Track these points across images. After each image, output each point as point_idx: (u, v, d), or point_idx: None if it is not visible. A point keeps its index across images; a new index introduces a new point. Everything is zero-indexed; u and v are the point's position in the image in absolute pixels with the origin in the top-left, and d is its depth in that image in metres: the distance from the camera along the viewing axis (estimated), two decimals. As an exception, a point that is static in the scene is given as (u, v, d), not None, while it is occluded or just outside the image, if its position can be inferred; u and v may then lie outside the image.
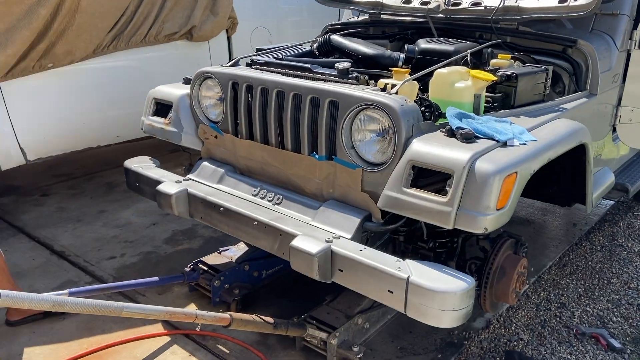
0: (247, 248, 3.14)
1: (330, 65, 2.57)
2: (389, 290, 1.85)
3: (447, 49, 2.69)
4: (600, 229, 3.96)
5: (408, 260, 1.91)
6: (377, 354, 2.59)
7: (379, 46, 3.00)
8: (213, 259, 3.06)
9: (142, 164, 2.85)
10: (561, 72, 2.72)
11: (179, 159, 3.62)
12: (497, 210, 1.80)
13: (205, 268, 2.97)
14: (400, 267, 1.85)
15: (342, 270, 1.99)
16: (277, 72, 2.51)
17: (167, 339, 2.67)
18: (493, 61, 2.59)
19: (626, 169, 3.57)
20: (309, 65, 2.44)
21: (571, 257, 3.56)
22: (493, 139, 1.95)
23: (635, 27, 2.84)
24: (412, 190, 1.91)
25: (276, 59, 2.68)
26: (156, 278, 2.78)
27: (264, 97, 2.42)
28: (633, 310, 2.97)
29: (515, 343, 2.72)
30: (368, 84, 2.30)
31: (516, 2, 2.82)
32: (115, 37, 3.62)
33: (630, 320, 2.89)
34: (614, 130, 3.06)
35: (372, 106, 2.06)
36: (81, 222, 4.01)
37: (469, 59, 2.59)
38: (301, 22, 5.22)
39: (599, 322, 2.88)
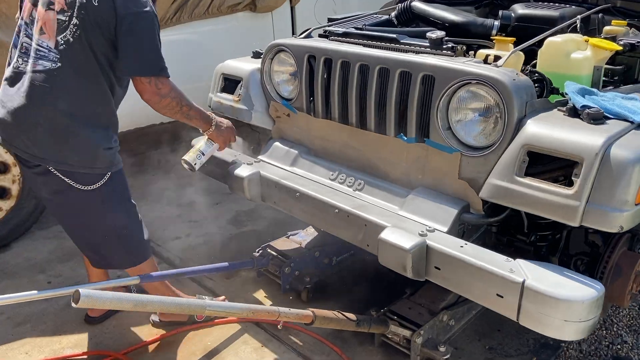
0: (316, 233, 2.97)
1: (419, 35, 2.30)
2: (497, 295, 1.61)
3: (551, 14, 2.36)
4: None
5: (519, 260, 1.65)
6: (465, 354, 2.37)
7: (468, 13, 2.69)
8: (282, 243, 2.90)
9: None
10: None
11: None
12: (636, 205, 1.51)
13: (275, 253, 2.81)
14: (513, 269, 1.60)
15: (438, 268, 1.76)
16: (359, 44, 2.26)
17: (237, 326, 2.55)
18: (606, 28, 2.24)
19: None
20: (395, 36, 2.17)
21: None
22: (627, 120, 1.64)
23: None
24: (528, 180, 1.64)
25: (355, 28, 2.43)
26: (226, 263, 2.64)
27: (344, 71, 2.19)
28: None
29: (619, 346, 2.42)
30: (467, 56, 2.02)
31: (632, -43, 2.43)
32: (178, 8, 3.46)
33: None
34: None
35: (476, 81, 1.79)
36: (144, 200, 3.95)
37: (578, 25, 2.25)
38: (366, -10, 4.89)
39: None
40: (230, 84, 2.71)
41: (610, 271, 1.99)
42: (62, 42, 1.92)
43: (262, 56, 2.56)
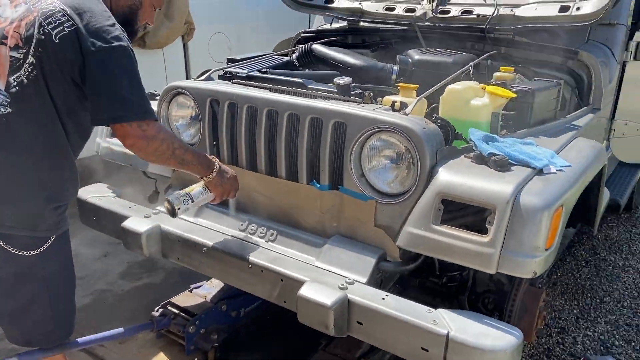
0: (222, 284, 2.78)
1: (324, 80, 2.28)
2: (422, 348, 1.57)
3: (445, 60, 2.47)
4: (580, 242, 3.89)
5: (441, 310, 1.63)
6: (383, 403, 2.31)
7: (368, 57, 2.74)
8: (184, 299, 2.67)
9: (99, 194, 2.42)
10: (563, 86, 2.56)
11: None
12: (546, 250, 1.57)
13: (177, 311, 2.57)
14: (436, 320, 1.57)
15: (361, 323, 1.69)
16: (264, 88, 2.18)
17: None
18: (497, 74, 2.38)
19: (607, 182, 3.51)
20: (301, 80, 2.13)
21: (559, 274, 3.44)
22: (528, 166, 1.72)
23: (630, 38, 2.74)
24: (444, 228, 1.65)
25: (259, 71, 2.35)
26: (121, 329, 2.35)
27: (251, 117, 2.09)
28: (633, 332, 2.87)
29: (524, 377, 2.52)
30: (374, 102, 2.03)
31: (512, 10, 2.64)
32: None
33: (633, 344, 2.78)
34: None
35: (387, 129, 1.78)
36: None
37: (471, 72, 2.37)
38: (261, 27, 4.87)
39: (602, 348, 2.75)
40: (121, 128, 2.47)
41: (517, 309, 2.07)
42: (15, 83, 1.60)
43: (158, 99, 2.38)
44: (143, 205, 2.36)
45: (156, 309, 2.56)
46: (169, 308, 2.58)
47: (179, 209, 1.91)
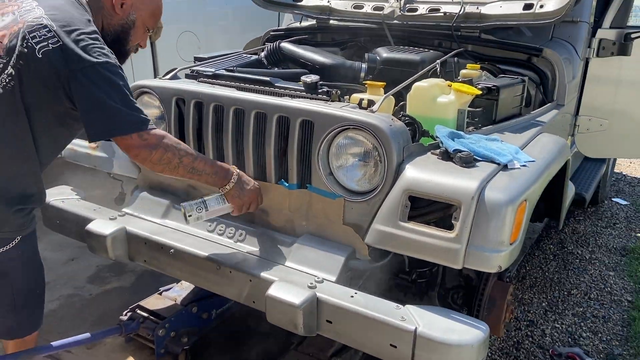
0: (192, 286, 2.74)
1: (291, 78, 2.27)
2: (391, 345, 1.57)
3: (412, 58, 2.48)
4: (548, 237, 3.97)
5: (409, 306, 1.64)
6: (356, 401, 2.31)
7: (336, 55, 2.73)
8: (154, 302, 2.62)
9: (63, 197, 2.35)
10: (528, 83, 2.60)
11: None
12: (510, 244, 1.59)
13: (146, 315, 2.52)
14: (404, 316, 1.58)
15: (330, 322, 1.68)
16: (231, 86, 2.15)
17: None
18: (463, 72, 2.41)
19: (573, 177, 3.59)
20: (269, 79, 2.11)
21: (527, 268, 3.51)
22: (493, 162, 1.74)
23: (593, 35, 2.80)
24: (411, 225, 1.65)
25: (226, 70, 2.32)
26: (87, 335, 2.29)
27: (217, 115, 2.06)
28: (599, 324, 2.94)
29: (495, 371, 2.56)
30: (341, 100, 2.02)
31: (478, 8, 2.67)
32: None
33: (600, 335, 2.85)
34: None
35: (354, 127, 1.78)
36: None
37: (438, 69, 2.39)
38: (230, 26, 4.82)
39: (570, 340, 2.80)
40: (85, 128, 2.41)
41: (485, 303, 2.09)
42: None
43: (122, 98, 2.32)
44: (109, 208, 2.31)
45: (124, 312, 2.52)
46: (138, 311, 2.53)
47: (190, 215, 1.84)
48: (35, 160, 1.73)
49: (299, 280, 1.75)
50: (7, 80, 1.59)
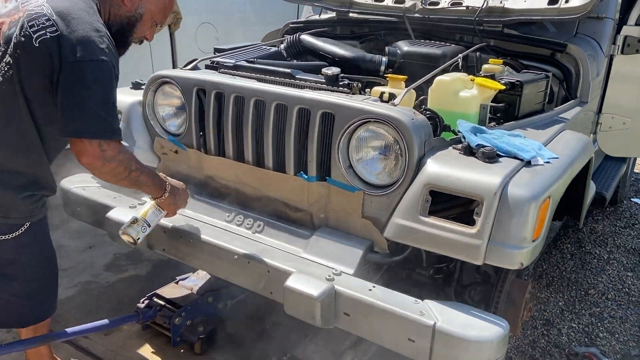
0: (208, 275, 2.76)
1: (312, 70, 2.26)
2: (409, 339, 1.57)
3: (434, 52, 2.46)
4: (566, 236, 3.92)
5: (427, 301, 1.63)
6: (370, 394, 2.31)
7: (356, 48, 2.72)
8: (170, 291, 2.64)
9: (84, 184, 2.38)
10: (551, 79, 2.57)
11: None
12: (533, 241, 1.57)
13: (163, 303, 2.54)
14: (422, 311, 1.57)
15: (348, 315, 1.68)
16: (252, 78, 2.15)
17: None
18: (485, 67, 2.38)
19: (593, 176, 3.53)
20: (289, 70, 2.10)
21: (544, 267, 3.47)
22: (517, 158, 1.72)
23: (618, 32, 2.75)
24: (432, 220, 1.64)
25: (247, 61, 2.32)
26: (105, 321, 2.32)
27: (238, 107, 2.06)
28: (617, 324, 2.90)
29: (509, 369, 2.54)
30: (362, 93, 2.01)
31: (501, 2, 2.64)
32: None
33: (617, 335, 2.81)
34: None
35: (375, 120, 1.77)
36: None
37: (460, 64, 2.37)
38: (249, 18, 4.82)
39: (587, 339, 2.77)
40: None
41: (503, 301, 2.07)
42: None
43: (143, 88, 2.34)
44: (128, 196, 2.33)
45: (142, 300, 2.54)
46: (155, 299, 2.56)
47: (138, 238, 1.89)
48: (40, 149, 1.73)
49: (317, 273, 1.75)
50: (6, 69, 1.59)
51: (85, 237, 3.55)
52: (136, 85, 2.50)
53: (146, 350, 2.53)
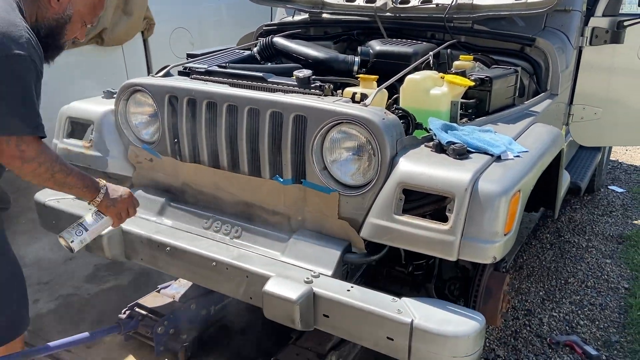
0: (190, 283, 2.74)
1: (284, 73, 2.26)
2: (388, 337, 1.58)
3: (405, 50, 2.48)
4: (545, 226, 3.98)
5: (405, 299, 1.65)
6: (355, 393, 2.33)
7: (329, 49, 2.72)
8: (152, 300, 2.63)
9: (58, 197, 2.35)
10: (521, 73, 2.60)
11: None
12: (505, 235, 1.59)
13: (145, 312, 2.53)
14: (400, 309, 1.59)
15: (327, 316, 1.69)
16: (224, 83, 2.15)
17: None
18: (456, 63, 2.40)
19: (568, 166, 3.59)
20: (261, 74, 2.10)
21: (525, 258, 3.52)
22: (487, 153, 1.74)
23: (586, 23, 2.80)
24: (406, 218, 1.66)
25: (219, 66, 2.31)
26: (86, 334, 2.30)
27: (211, 112, 2.06)
28: (597, 311, 2.95)
29: (492, 360, 2.58)
30: (334, 94, 2.02)
31: (470, -1, 2.66)
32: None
33: (597, 322, 2.86)
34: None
35: (347, 121, 1.78)
36: (-22, 264, 3.35)
37: (431, 61, 2.39)
38: (223, 21, 4.80)
39: (567, 328, 2.82)
40: (78, 128, 2.41)
41: (482, 293, 2.10)
42: None
43: (115, 97, 2.32)
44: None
45: (123, 311, 2.52)
46: (137, 309, 2.54)
47: (72, 241, 1.79)
48: None
49: (296, 276, 1.76)
50: None
51: (65, 250, 3.50)
52: (108, 95, 2.48)
53: (130, 361, 2.51)
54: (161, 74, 2.37)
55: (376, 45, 2.58)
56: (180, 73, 2.41)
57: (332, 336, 2.30)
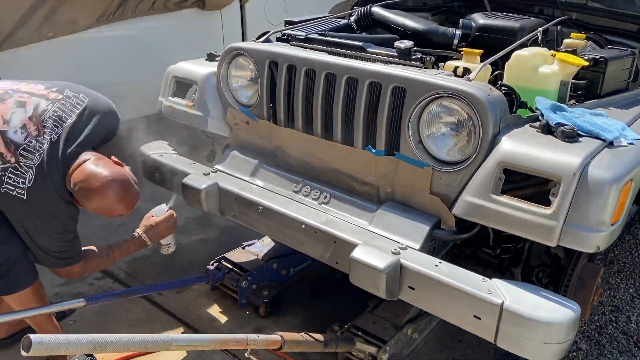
0: (272, 243, 2.85)
1: (383, 43, 2.24)
2: (475, 316, 1.57)
3: (512, 25, 2.36)
4: (641, 221, 3.72)
5: (495, 280, 1.62)
6: (428, 368, 2.35)
7: (428, 21, 2.65)
8: (238, 255, 2.76)
9: (161, 151, 2.51)
10: (638, 56, 2.41)
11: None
12: (612, 225, 1.51)
13: (231, 266, 2.67)
14: (490, 289, 1.57)
15: (412, 288, 1.70)
16: (322, 51, 2.16)
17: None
18: (567, 41, 2.26)
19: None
20: (361, 44, 2.09)
21: (616, 252, 3.32)
22: (598, 138, 1.65)
23: None
24: (505, 199, 1.61)
25: (318, 34, 2.32)
26: (179, 280, 2.48)
27: (309, 79, 2.08)
28: (693, 316, 2.76)
29: (574, 354, 2.49)
30: (435, 67, 1.98)
31: (586, -28, 2.49)
32: (121, 3, 3.21)
33: (693, 327, 2.68)
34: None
35: (448, 95, 1.74)
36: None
37: (539, 38, 2.26)
38: (317, -11, 4.78)
39: (659, 329, 2.66)
40: (182, 87, 2.53)
41: (574, 283, 2.02)
42: None
43: (218, 60, 2.41)
44: (202, 164, 2.43)
45: (211, 262, 2.67)
46: (224, 263, 2.68)
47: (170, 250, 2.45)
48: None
49: (383, 245, 1.78)
50: None
51: (159, 200, 3.70)
52: (210, 57, 2.58)
53: (214, 309, 2.67)
54: (262, 39, 2.42)
55: (479, 19, 2.48)
56: (279, 39, 2.45)
57: (409, 309, 2.32)
